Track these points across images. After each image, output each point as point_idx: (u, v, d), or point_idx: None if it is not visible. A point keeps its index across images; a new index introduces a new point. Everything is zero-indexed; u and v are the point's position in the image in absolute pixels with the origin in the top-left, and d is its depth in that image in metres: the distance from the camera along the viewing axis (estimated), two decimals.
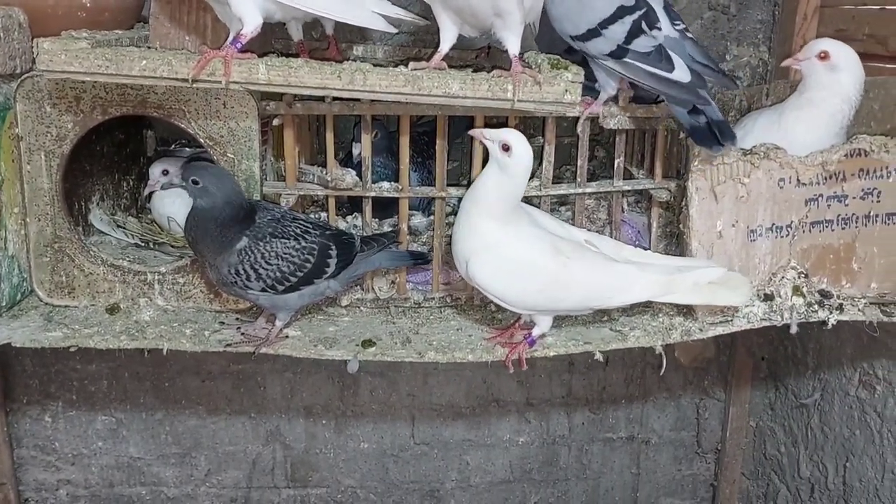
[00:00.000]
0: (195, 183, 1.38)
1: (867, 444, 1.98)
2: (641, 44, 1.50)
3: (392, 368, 2.51)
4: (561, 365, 2.57)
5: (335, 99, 1.53)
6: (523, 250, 1.39)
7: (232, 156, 1.55)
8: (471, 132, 1.44)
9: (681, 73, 1.49)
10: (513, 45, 1.47)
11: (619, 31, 1.50)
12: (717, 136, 1.47)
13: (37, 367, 2.39)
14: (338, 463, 2.59)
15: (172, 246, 1.84)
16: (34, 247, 1.60)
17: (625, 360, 2.58)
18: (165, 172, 1.71)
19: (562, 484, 2.69)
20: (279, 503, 2.61)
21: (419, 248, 1.73)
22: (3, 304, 1.56)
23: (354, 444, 2.58)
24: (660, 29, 1.52)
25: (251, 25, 1.35)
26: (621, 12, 1.51)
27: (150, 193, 1.86)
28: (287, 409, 2.52)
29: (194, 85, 1.35)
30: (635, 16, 1.51)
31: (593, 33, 1.52)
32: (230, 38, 1.39)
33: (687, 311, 1.59)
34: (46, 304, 1.62)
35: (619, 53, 1.51)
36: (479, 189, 1.39)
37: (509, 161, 1.33)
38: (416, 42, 2.10)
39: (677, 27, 1.57)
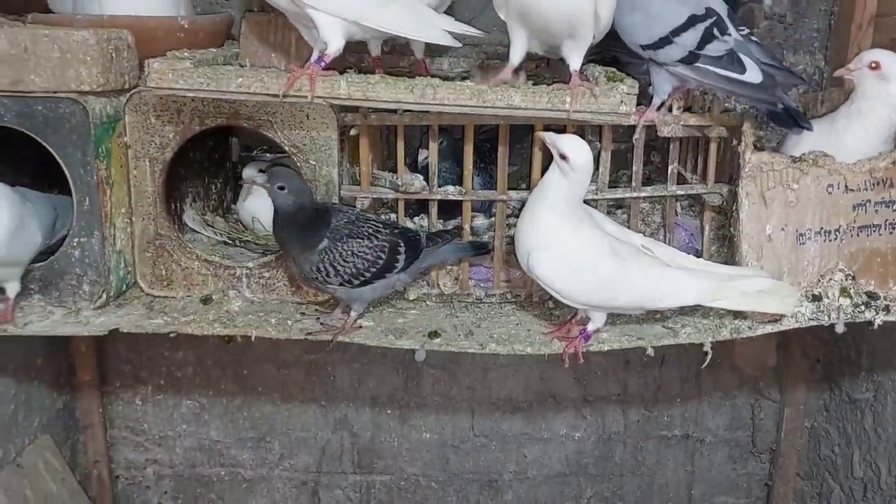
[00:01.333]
0: (281, 188, 1.54)
1: None
2: (713, 48, 1.58)
3: (453, 362, 2.64)
4: (616, 363, 2.66)
5: (406, 111, 1.67)
6: (583, 249, 1.50)
7: (314, 162, 1.70)
8: (538, 134, 1.56)
9: (753, 74, 1.57)
10: (575, 61, 1.58)
11: (691, 37, 1.58)
12: (795, 119, 1.56)
13: (129, 353, 2.60)
14: (401, 451, 2.74)
15: (255, 244, 2.00)
16: (138, 243, 1.78)
17: (680, 360, 2.65)
18: (261, 170, 1.86)
19: (617, 479, 2.78)
20: (346, 488, 2.77)
21: (482, 241, 1.84)
22: (112, 293, 1.74)
23: (417, 433, 2.72)
24: (730, 34, 1.61)
25: (335, 46, 1.50)
26: (693, 20, 1.59)
27: (237, 196, 2.03)
28: (355, 398, 2.67)
29: (284, 100, 1.51)
30: (707, 23, 1.59)
31: (665, 41, 1.60)
32: (314, 57, 1.55)
33: (738, 311, 1.67)
34: (148, 294, 1.81)
35: (690, 59, 1.59)
36: (544, 189, 1.51)
37: (568, 168, 1.45)
38: (479, 53, 2.23)
39: (742, 32, 1.65)
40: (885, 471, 2.17)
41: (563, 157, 1.44)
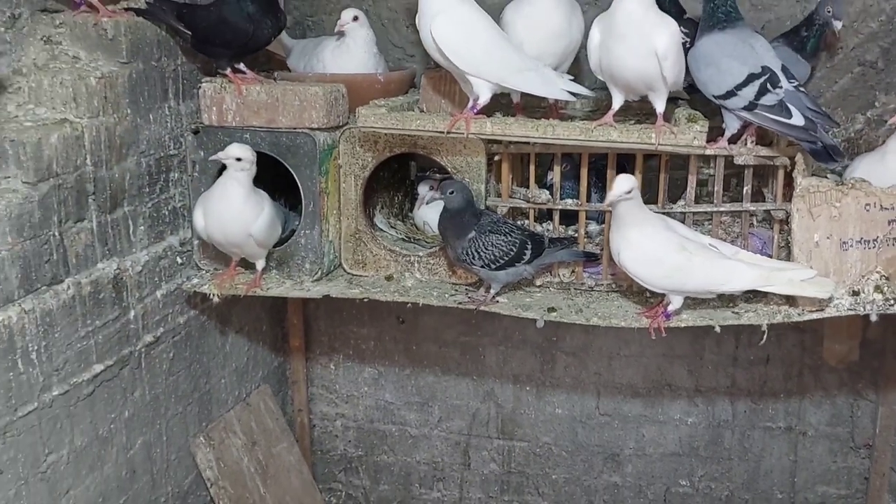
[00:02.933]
0: (451, 193, 2.18)
1: None
2: (768, 99, 2.08)
3: (583, 351, 3.17)
4: (726, 359, 3.07)
5: (535, 143, 2.26)
6: (655, 246, 2.03)
7: (468, 180, 2.34)
8: (604, 205, 2.09)
9: (797, 119, 2.05)
10: (659, 106, 2.11)
11: (750, 91, 2.09)
12: (830, 155, 2.01)
13: (328, 328, 3.35)
14: (537, 423, 3.29)
15: (425, 241, 2.67)
16: (343, 236, 2.50)
17: (784, 360, 3.02)
18: (432, 188, 2.53)
19: (725, 462, 3.17)
20: (491, 450, 3.36)
21: (592, 249, 2.40)
22: (324, 271, 2.47)
23: (551, 409, 3.27)
24: (781, 87, 2.09)
25: (484, 98, 2.13)
26: (751, 78, 2.10)
27: (413, 205, 2.71)
28: (500, 375, 3.26)
29: (448, 135, 2.16)
30: (762, 80, 2.09)
31: (731, 94, 2.12)
32: (470, 105, 2.19)
33: (790, 299, 2.11)
34: (348, 273, 2.52)
35: (750, 107, 2.10)
36: (622, 207, 2.05)
37: (632, 196, 1.98)
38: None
39: (792, 84, 2.12)
40: None
41: (628, 193, 1.97)
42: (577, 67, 2.48)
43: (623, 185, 1.97)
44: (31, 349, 1.99)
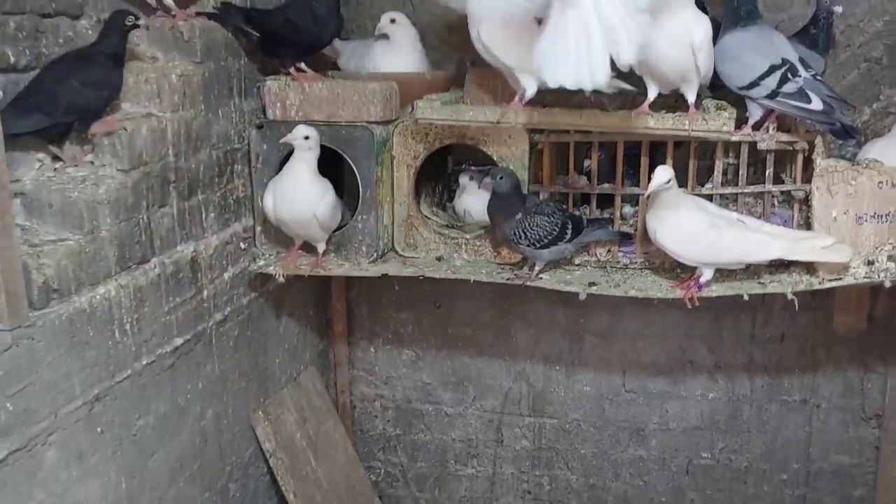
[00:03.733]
0: (500, 178, 2.39)
1: None
2: (788, 87, 2.31)
3: (609, 331, 3.39)
4: (744, 337, 3.29)
5: (575, 131, 2.48)
6: (690, 223, 2.25)
7: (513, 167, 2.55)
8: (647, 195, 2.31)
9: (816, 104, 2.28)
10: (690, 97, 2.34)
11: (772, 81, 2.32)
12: (849, 133, 2.25)
13: (369, 313, 3.56)
14: (566, 400, 3.50)
15: (465, 227, 2.88)
16: (396, 221, 2.71)
17: (797, 337, 3.24)
18: (471, 178, 2.75)
19: (744, 435, 3.39)
20: (523, 427, 3.57)
21: (627, 229, 2.62)
22: (379, 252, 2.68)
23: (579, 387, 3.48)
24: (800, 76, 2.32)
25: (531, 91, 2.36)
26: (772, 69, 2.32)
27: (451, 195, 2.94)
28: (531, 356, 3.48)
29: (497, 125, 2.38)
30: (783, 70, 2.32)
31: (754, 84, 2.35)
32: (518, 97, 2.41)
33: (810, 270, 2.33)
34: (400, 255, 2.73)
35: (772, 95, 2.33)
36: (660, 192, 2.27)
37: (670, 187, 2.21)
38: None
39: (810, 73, 2.35)
40: None
41: (668, 182, 2.20)
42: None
43: (662, 176, 2.20)
44: (126, 321, 2.20)
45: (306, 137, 2.45)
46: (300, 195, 2.49)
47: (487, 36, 2.37)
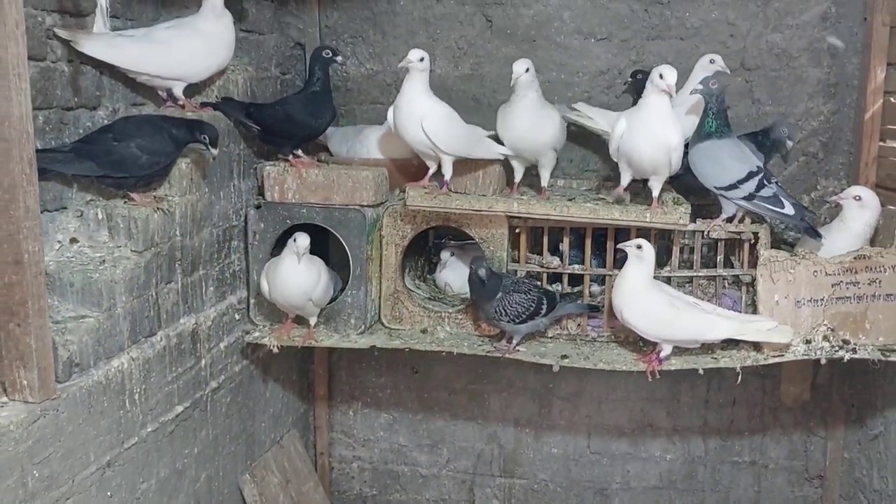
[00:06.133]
0: (480, 268, 2.61)
1: None
2: (765, 192, 2.62)
3: (576, 396, 3.62)
4: (699, 402, 3.56)
5: (550, 218, 2.75)
6: (651, 304, 2.52)
7: (492, 248, 2.81)
8: (618, 245, 2.60)
9: (789, 209, 2.60)
10: (656, 190, 2.62)
11: (750, 185, 2.63)
12: (817, 233, 2.60)
13: (348, 378, 3.75)
14: (535, 462, 3.71)
15: (447, 299, 3.11)
16: (384, 295, 2.93)
17: (748, 402, 3.52)
18: (452, 254, 3.00)
19: (699, 493, 3.63)
20: (494, 487, 3.76)
21: (594, 304, 2.88)
22: (367, 325, 2.89)
23: (548, 448, 3.69)
24: (773, 183, 2.63)
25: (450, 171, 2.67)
26: (750, 175, 2.63)
27: (435, 268, 3.18)
28: (503, 418, 3.69)
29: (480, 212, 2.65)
30: (760, 175, 2.63)
31: (733, 187, 2.65)
32: (444, 180, 2.67)
33: (757, 347, 2.61)
34: (387, 327, 2.95)
35: (749, 198, 2.63)
36: (627, 270, 2.54)
37: (642, 254, 2.48)
38: (598, 176, 3.31)
39: (774, 181, 2.66)
40: (892, 483, 2.96)
41: (639, 247, 2.48)
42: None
43: (645, 243, 2.54)
44: (135, 391, 2.37)
45: (421, 59, 2.66)
46: (293, 283, 2.69)
47: (430, 126, 2.69)
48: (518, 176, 2.89)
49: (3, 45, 1.77)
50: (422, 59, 2.67)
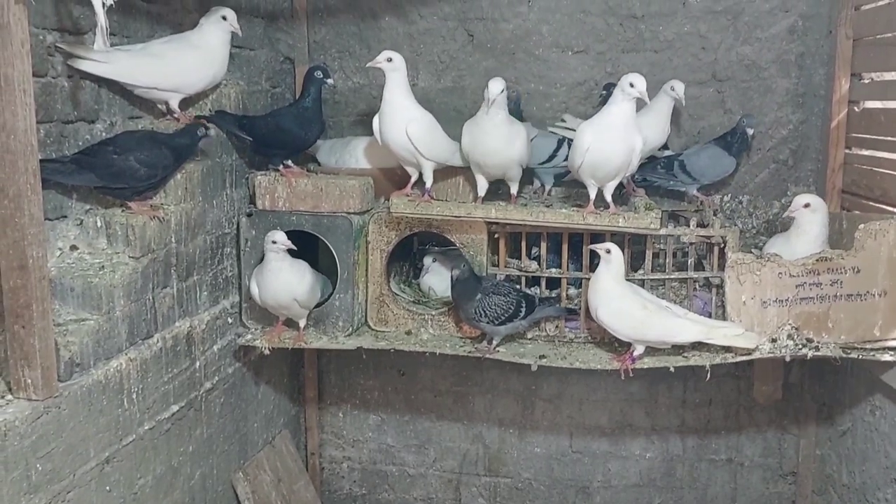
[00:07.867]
0: (460, 269, 2.75)
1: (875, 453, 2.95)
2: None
3: (558, 397, 3.74)
4: (676, 402, 3.68)
5: (527, 223, 2.88)
6: (624, 305, 2.64)
7: (473, 252, 2.94)
8: (589, 246, 2.74)
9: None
10: (608, 197, 2.76)
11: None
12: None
13: (337, 380, 3.86)
14: (519, 461, 3.83)
15: (431, 303, 3.24)
16: (370, 298, 3.06)
17: (723, 402, 3.64)
18: (435, 259, 3.13)
19: (678, 491, 3.75)
20: (479, 486, 3.87)
21: (572, 306, 3.01)
22: (354, 327, 3.02)
23: (531, 448, 3.81)
24: None
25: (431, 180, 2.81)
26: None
27: (419, 273, 3.31)
28: (487, 419, 3.81)
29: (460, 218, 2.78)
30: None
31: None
32: (425, 189, 2.81)
33: (726, 348, 2.74)
34: (373, 329, 3.07)
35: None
36: (599, 273, 2.67)
37: (611, 258, 2.62)
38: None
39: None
40: (858, 477, 3.08)
41: (608, 252, 2.61)
42: None
43: (613, 247, 2.68)
44: (133, 391, 2.49)
45: (389, 59, 2.79)
46: (281, 284, 2.81)
47: (414, 132, 2.85)
48: (482, 191, 2.92)
49: (9, 63, 1.89)
50: (390, 60, 2.79)
